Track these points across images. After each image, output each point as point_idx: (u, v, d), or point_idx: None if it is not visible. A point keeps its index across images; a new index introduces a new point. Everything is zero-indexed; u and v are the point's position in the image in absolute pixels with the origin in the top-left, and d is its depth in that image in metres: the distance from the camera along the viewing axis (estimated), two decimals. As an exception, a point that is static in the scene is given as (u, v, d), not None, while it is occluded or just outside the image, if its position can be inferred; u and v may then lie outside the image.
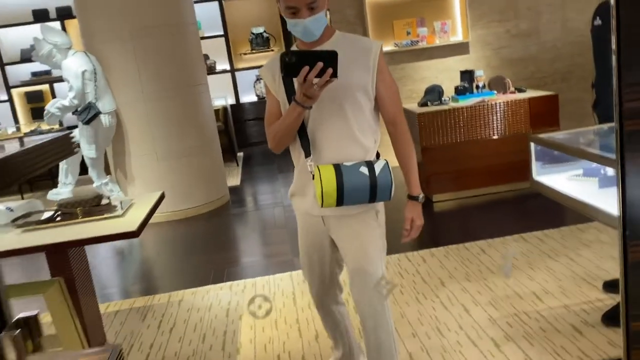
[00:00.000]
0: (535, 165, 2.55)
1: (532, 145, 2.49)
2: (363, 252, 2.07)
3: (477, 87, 5.35)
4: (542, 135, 2.51)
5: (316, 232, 2.16)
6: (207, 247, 4.91)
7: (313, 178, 1.96)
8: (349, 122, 1.97)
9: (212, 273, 4.16)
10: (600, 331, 2.73)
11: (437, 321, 3.05)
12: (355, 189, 1.90)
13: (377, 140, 2.08)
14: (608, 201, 2.14)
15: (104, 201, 3.06)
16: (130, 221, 2.76)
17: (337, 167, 1.91)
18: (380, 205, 2.11)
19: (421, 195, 2.11)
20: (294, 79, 1.85)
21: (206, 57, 8.40)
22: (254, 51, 9.04)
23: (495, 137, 5.10)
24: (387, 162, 1.99)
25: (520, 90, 5.36)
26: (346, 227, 2.08)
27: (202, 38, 8.07)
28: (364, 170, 1.92)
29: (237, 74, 9.08)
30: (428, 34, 6.47)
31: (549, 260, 3.65)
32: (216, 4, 8.80)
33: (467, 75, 5.37)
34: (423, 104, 5.27)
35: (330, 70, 1.72)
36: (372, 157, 2.04)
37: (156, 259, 4.90)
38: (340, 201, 1.91)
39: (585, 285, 3.24)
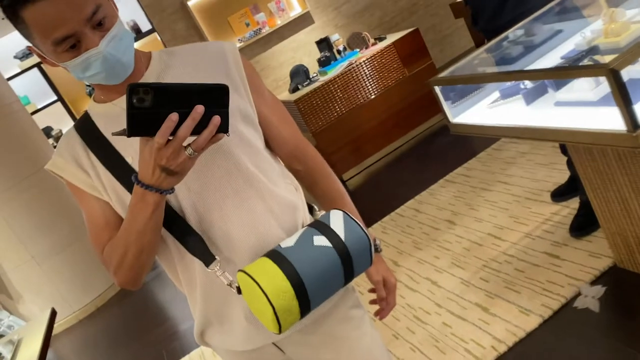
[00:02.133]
0: (447, 108, 2.26)
1: (437, 88, 2.19)
2: None
3: (339, 52, 5.06)
4: (443, 75, 2.21)
5: None
6: (133, 331, 4.28)
7: (239, 292, 1.11)
8: (251, 175, 1.16)
9: (151, 361, 3.59)
10: (576, 247, 2.52)
11: (411, 309, 2.72)
12: (322, 277, 1.07)
13: (295, 183, 1.31)
14: (543, 115, 1.88)
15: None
16: (24, 365, 2.18)
17: (276, 256, 1.07)
18: None
19: (379, 242, 1.33)
20: (137, 141, 0.95)
21: (49, 129, 7.53)
22: (97, 103, 8.25)
23: (377, 93, 4.84)
24: (342, 210, 1.17)
25: (380, 39, 5.14)
26: (323, 339, 1.27)
27: (35, 111, 7.21)
28: (321, 239, 1.09)
29: (59, 142, 8.22)
30: (267, 18, 6.10)
31: (485, 193, 3.44)
32: (36, 70, 7.89)
33: (325, 44, 5.06)
34: (294, 89, 4.90)
35: (217, 119, 0.91)
36: (307, 213, 1.28)
37: (83, 370, 4.22)
38: (306, 308, 1.07)
39: (533, 204, 3.05)
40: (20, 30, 1.01)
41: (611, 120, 1.56)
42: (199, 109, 0.88)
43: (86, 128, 1.15)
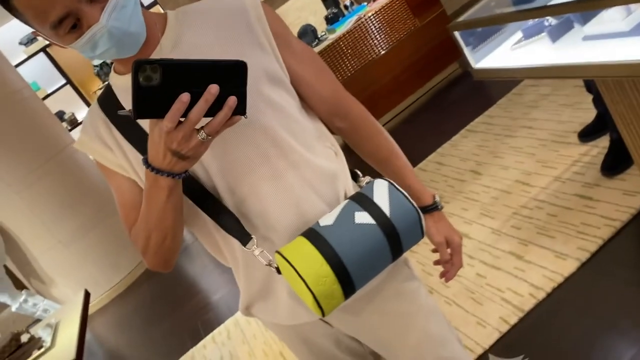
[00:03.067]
0: (469, 54, 2.17)
1: (457, 34, 2.10)
2: (425, 339, 1.20)
3: (346, 7, 4.94)
4: (462, 18, 2.12)
5: (323, 348, 1.25)
6: (166, 307, 4.34)
7: (279, 272, 1.04)
8: (284, 145, 1.07)
9: (186, 334, 3.62)
10: (610, 186, 2.45)
11: (443, 263, 2.68)
12: (365, 258, 0.98)
13: (337, 149, 1.20)
14: (571, 51, 1.80)
15: (24, 337, 2.47)
16: (65, 348, 2.21)
17: (314, 236, 0.98)
18: None
19: (438, 199, 1.25)
20: (151, 123, 0.87)
21: (62, 113, 7.53)
22: (105, 83, 8.20)
23: (388, 47, 4.72)
24: (387, 180, 1.07)
25: (387, -10, 4.98)
26: (374, 315, 1.18)
27: (46, 97, 7.21)
28: (363, 215, 0.99)
29: (84, 118, 8.24)
30: (269, -21, 5.94)
31: (509, 140, 3.35)
32: (42, 55, 7.85)
33: (331, 1, 4.93)
34: (303, 50, 4.80)
35: (232, 101, 0.82)
36: (349, 182, 1.17)
37: (119, 347, 4.29)
38: (350, 291, 0.99)
39: (560, 146, 2.96)
40: (19, 19, 0.94)
41: (647, 49, 1.48)
42: (213, 89, 0.79)
43: (108, 102, 1.07)
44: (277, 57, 1.09)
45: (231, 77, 0.82)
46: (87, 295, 2.56)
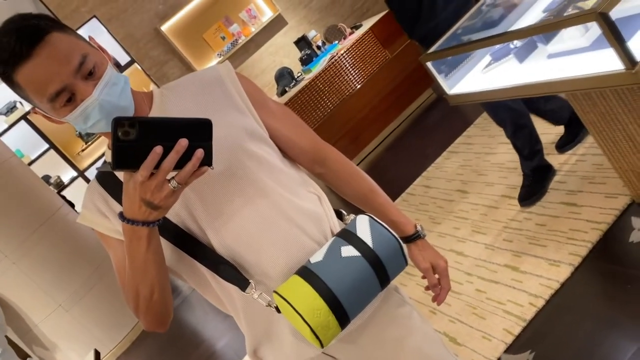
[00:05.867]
0: (442, 81, 2.29)
1: (429, 64, 2.22)
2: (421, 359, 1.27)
3: (318, 47, 5.10)
4: (433, 49, 2.24)
5: None
6: (172, 358, 4.32)
7: (279, 311, 1.12)
8: (271, 193, 1.16)
9: (197, 383, 3.62)
10: (592, 191, 2.56)
11: (442, 283, 2.75)
12: (355, 288, 1.07)
13: (320, 193, 1.28)
14: (538, 69, 1.92)
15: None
16: (82, 409, 2.21)
17: (306, 273, 1.08)
18: None
19: (420, 228, 1.31)
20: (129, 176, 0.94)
21: (47, 177, 7.54)
22: (88, 144, 8.26)
23: (363, 81, 4.87)
24: (368, 215, 1.17)
25: (356, 27, 5.18)
26: (371, 342, 1.25)
27: (30, 163, 7.22)
28: (348, 249, 1.09)
29: (87, 173, 8.26)
30: (241, 27, 6.12)
31: (490, 157, 3.47)
32: (23, 123, 7.90)
33: (303, 43, 5.10)
34: (282, 92, 4.94)
35: (200, 152, 0.92)
36: (333, 221, 1.26)
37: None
38: (345, 320, 1.08)
39: (540, 159, 3.08)
40: (20, 95, 1.04)
41: (607, 61, 1.59)
42: (183, 142, 0.90)
43: (105, 176, 1.17)
44: (254, 116, 1.20)
45: (199, 132, 0.93)
46: (97, 354, 2.57)
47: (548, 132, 3.22)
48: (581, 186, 2.64)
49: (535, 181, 2.79)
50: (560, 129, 3.07)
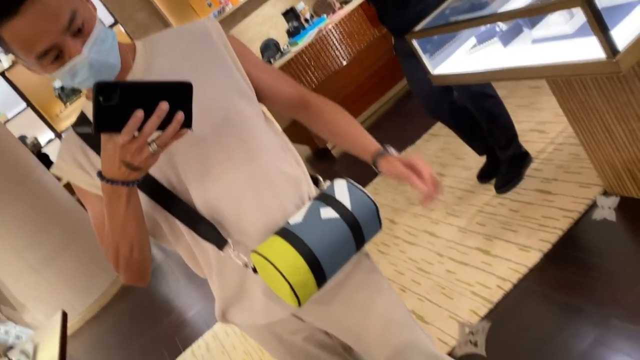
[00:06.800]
0: (426, 61, 2.27)
1: (415, 42, 2.20)
2: (389, 325, 1.26)
3: (306, 20, 5.04)
4: (419, 27, 2.22)
5: (297, 344, 1.31)
6: (142, 325, 4.32)
7: (255, 272, 1.13)
8: (254, 154, 1.16)
9: (165, 350, 3.63)
10: (566, 180, 2.59)
11: (414, 262, 2.78)
12: (333, 248, 1.09)
13: (298, 158, 1.29)
14: (522, 54, 1.92)
15: (2, 362, 2.46)
16: (46, 368, 2.20)
17: (286, 233, 1.09)
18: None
19: (389, 147, 1.27)
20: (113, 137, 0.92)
21: (24, 138, 7.41)
22: (67, 105, 8.12)
23: (350, 58, 4.84)
24: (346, 179, 1.19)
25: (346, 2, 5.12)
26: (341, 305, 1.26)
27: (6, 122, 7.09)
28: (328, 211, 1.11)
29: (59, 144, 8.13)
30: (229, -5, 6.02)
31: (470, 142, 3.48)
32: (1, 79, 7.72)
33: (291, 14, 5.04)
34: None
35: (180, 115, 0.92)
36: (310, 185, 1.27)
37: (98, 369, 4.26)
38: (322, 280, 1.10)
39: (518, 145, 3.10)
40: (3, 48, 1.00)
41: (590, 49, 1.60)
42: (164, 106, 0.90)
43: (83, 127, 1.14)
44: (242, 72, 1.20)
45: (179, 95, 0.92)
46: (64, 315, 2.56)
47: (528, 120, 3.24)
48: (556, 175, 2.67)
49: (512, 169, 2.81)
50: (540, 118, 3.08)
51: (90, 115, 1.13)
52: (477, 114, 2.79)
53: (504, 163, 2.85)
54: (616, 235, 2.23)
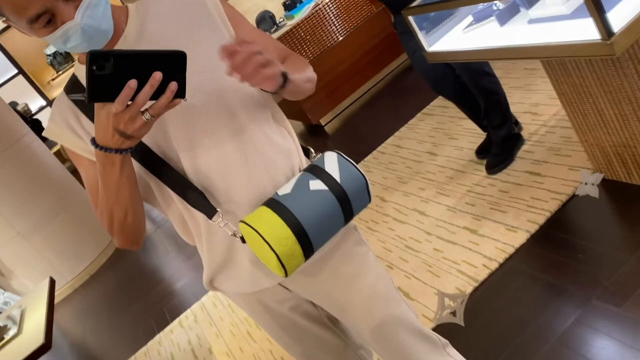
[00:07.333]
0: (422, 37, 2.26)
1: (411, 18, 2.19)
2: (374, 297, 1.28)
3: (303, -7, 4.97)
4: (416, 3, 2.21)
5: (283, 313, 1.32)
6: (131, 294, 4.34)
7: (243, 242, 1.14)
8: (245, 124, 1.16)
9: (152, 320, 3.65)
10: (556, 162, 2.60)
11: (402, 240, 2.80)
12: (321, 220, 1.09)
13: (290, 129, 1.28)
14: (518, 34, 1.91)
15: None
16: (33, 333, 2.22)
17: (274, 204, 1.09)
18: None
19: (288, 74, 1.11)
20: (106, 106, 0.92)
21: (14, 104, 7.34)
22: (59, 73, 8.03)
23: (346, 33, 4.80)
24: (336, 152, 1.18)
25: (344, -23, 5.05)
26: (328, 277, 1.27)
27: (-2, 87, 7.03)
28: (317, 183, 1.11)
29: (51, 107, 8.06)
30: (226, -34, 5.93)
31: (463, 122, 3.48)
32: (-9, 44, 7.62)
33: (288, -13, 4.96)
34: (262, 37, 4.83)
35: (174, 85, 0.92)
36: (302, 157, 1.26)
37: (87, 337, 4.27)
38: (309, 251, 1.10)
39: (511, 127, 3.10)
40: None
41: (585, 31, 1.59)
42: (157, 76, 0.90)
43: (75, 91, 1.14)
44: (234, 40, 1.17)
45: (173, 64, 0.92)
46: (52, 282, 2.57)
47: (522, 102, 3.24)
48: (547, 157, 2.68)
49: (504, 150, 2.82)
50: (535, 100, 3.08)
51: (82, 79, 1.13)
52: (475, 91, 2.79)
53: (496, 144, 2.85)
54: (602, 219, 2.25)
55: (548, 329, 1.91)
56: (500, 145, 2.84)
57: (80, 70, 1.14)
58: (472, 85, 2.78)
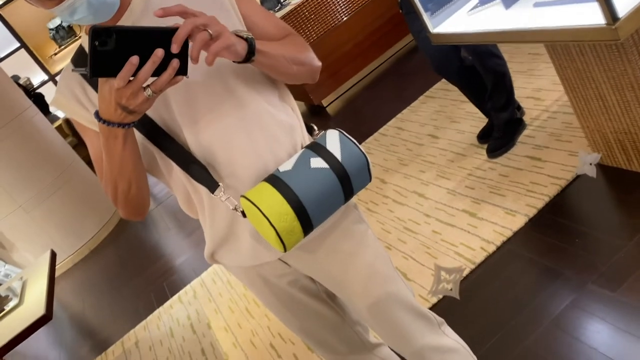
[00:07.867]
0: (427, 19, 2.25)
1: (416, -2, 2.18)
2: (372, 275, 1.30)
3: (308, -28, 4.93)
4: (421, -17, 2.20)
5: (282, 288, 1.34)
6: (131, 270, 4.37)
7: (244, 216, 1.15)
8: (249, 100, 1.17)
9: (152, 295, 3.69)
10: (557, 148, 2.61)
11: (401, 221, 2.82)
12: (321, 198, 1.11)
13: (294, 107, 1.28)
14: (523, 17, 1.90)
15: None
16: (34, 304, 2.25)
17: (275, 180, 1.10)
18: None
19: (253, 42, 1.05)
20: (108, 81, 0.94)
21: (16, 77, 7.32)
22: (62, 47, 8.00)
23: (350, 14, 4.77)
24: (338, 130, 1.18)
25: (350, -44, 5.01)
26: (327, 253, 1.29)
27: (0, 60, 7.01)
28: (317, 161, 1.12)
29: (58, 78, 8.04)
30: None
31: (465, 105, 3.47)
32: (-6, 17, 7.58)
33: (293, -34, 4.92)
34: (266, 15, 4.81)
35: (175, 62, 0.93)
36: (305, 134, 1.27)
37: (86, 311, 4.32)
38: (308, 227, 1.12)
39: (513, 111, 3.10)
40: None
41: (591, 16, 1.59)
42: (159, 53, 0.91)
43: (81, 63, 1.14)
44: (240, 18, 1.17)
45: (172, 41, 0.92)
46: (53, 254, 2.59)
47: (524, 87, 3.24)
48: (548, 142, 2.68)
49: (506, 134, 2.83)
50: (537, 85, 3.08)
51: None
52: (483, 72, 2.78)
53: (498, 127, 2.85)
54: (601, 204, 2.27)
55: (543, 311, 1.93)
56: (502, 129, 2.84)
57: (86, 42, 1.15)
58: (480, 66, 2.78)
